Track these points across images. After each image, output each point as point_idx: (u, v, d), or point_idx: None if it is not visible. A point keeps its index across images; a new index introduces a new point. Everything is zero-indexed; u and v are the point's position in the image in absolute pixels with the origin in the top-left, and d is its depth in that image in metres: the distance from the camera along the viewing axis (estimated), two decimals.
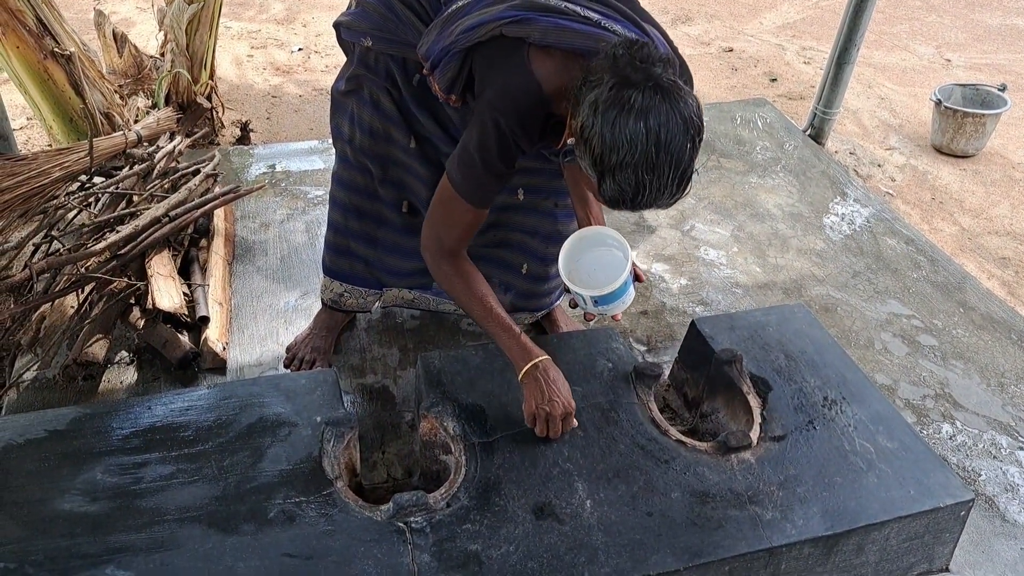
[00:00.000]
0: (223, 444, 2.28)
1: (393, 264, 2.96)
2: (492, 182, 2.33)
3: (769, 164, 4.75)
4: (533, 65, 2.16)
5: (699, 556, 2.13)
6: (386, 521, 2.12)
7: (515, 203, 2.83)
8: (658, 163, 1.94)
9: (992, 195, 5.02)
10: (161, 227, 3.28)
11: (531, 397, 2.35)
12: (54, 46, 4.01)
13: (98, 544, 2.01)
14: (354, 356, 3.17)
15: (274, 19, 6.90)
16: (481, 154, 2.24)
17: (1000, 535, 2.70)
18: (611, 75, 1.96)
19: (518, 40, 2.18)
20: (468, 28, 2.24)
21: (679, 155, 1.95)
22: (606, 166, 1.97)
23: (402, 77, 2.60)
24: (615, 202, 2.04)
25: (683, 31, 7.23)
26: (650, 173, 1.95)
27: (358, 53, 2.64)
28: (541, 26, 2.15)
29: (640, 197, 1.99)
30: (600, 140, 1.95)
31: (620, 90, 1.93)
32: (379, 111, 2.66)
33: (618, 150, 1.93)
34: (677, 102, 1.94)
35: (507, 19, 2.18)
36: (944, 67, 6.89)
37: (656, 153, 1.92)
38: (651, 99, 1.92)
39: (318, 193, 4.10)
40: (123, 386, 2.97)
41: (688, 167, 1.99)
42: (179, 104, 4.66)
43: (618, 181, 1.97)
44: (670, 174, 1.96)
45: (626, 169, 1.94)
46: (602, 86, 1.96)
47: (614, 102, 1.93)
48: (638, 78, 1.94)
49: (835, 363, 2.75)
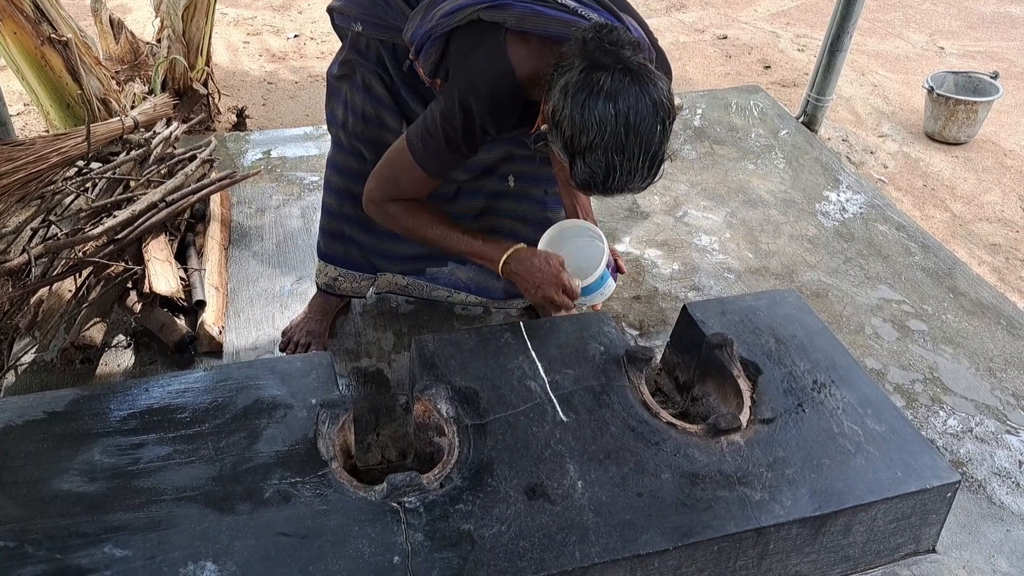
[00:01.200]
0: (219, 425, 2.31)
1: (387, 248, 2.99)
2: (451, 158, 2.37)
3: (762, 151, 4.77)
4: (509, 50, 2.19)
5: (688, 536, 2.15)
6: (380, 501, 2.14)
7: (506, 190, 2.85)
8: (627, 145, 1.97)
9: (983, 182, 5.04)
10: (158, 212, 3.30)
11: (524, 289, 2.48)
12: (51, 32, 4.03)
13: (96, 523, 2.03)
14: (349, 340, 3.19)
15: (270, 6, 6.91)
16: (445, 130, 2.28)
17: (987, 517, 2.73)
18: (581, 59, 1.99)
19: (495, 25, 2.20)
20: (448, 12, 2.27)
21: (648, 137, 1.98)
22: (576, 148, 2.00)
23: (392, 62, 2.63)
24: (587, 185, 2.07)
25: (677, 18, 7.24)
26: (620, 155, 1.98)
27: (350, 38, 2.67)
28: (517, 11, 2.18)
29: (611, 180, 2.03)
30: (570, 122, 1.98)
31: (590, 73, 1.97)
32: (371, 96, 2.68)
33: (588, 132, 1.97)
34: (646, 84, 1.97)
35: (484, 4, 2.20)
36: (937, 55, 6.91)
37: (625, 135, 1.96)
38: (620, 81, 1.96)
39: (314, 179, 4.12)
40: (120, 369, 2.99)
41: (659, 150, 2.02)
42: (175, 90, 4.68)
43: (588, 163, 2.01)
44: (640, 156, 1.99)
45: (596, 151, 1.98)
46: (572, 70, 1.99)
47: (583, 84, 1.96)
48: (607, 61, 1.97)
49: (825, 347, 2.78)
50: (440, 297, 3.18)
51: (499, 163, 2.78)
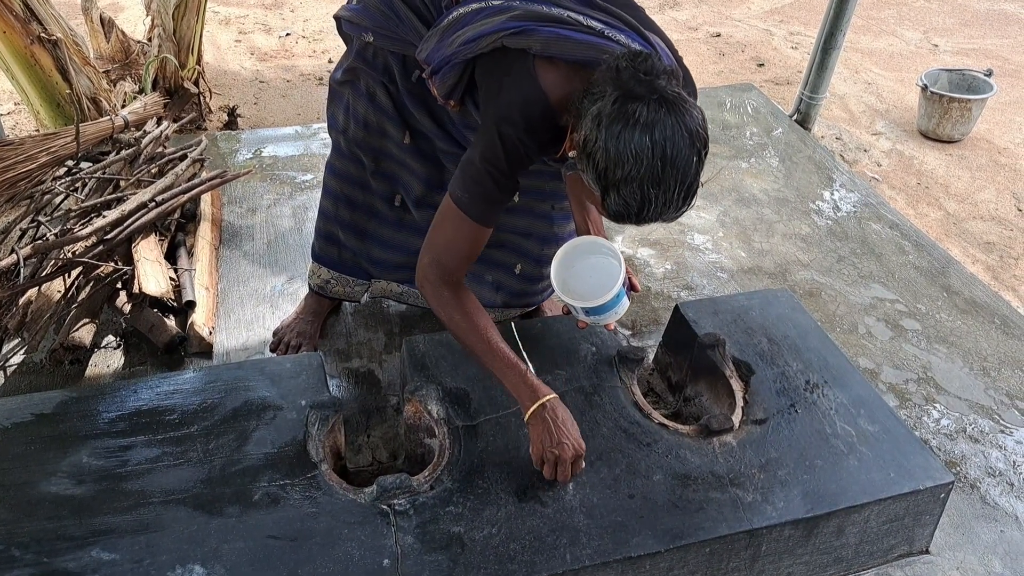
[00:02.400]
0: (208, 427, 2.30)
1: (381, 257, 2.97)
2: (500, 196, 2.27)
3: (755, 149, 4.76)
4: (539, 75, 2.13)
5: (680, 538, 2.15)
6: (370, 503, 2.14)
7: (511, 204, 2.82)
8: (664, 177, 1.90)
9: (978, 180, 5.04)
10: (148, 212, 3.29)
11: (538, 439, 2.22)
12: (40, 31, 4.01)
13: (83, 526, 2.02)
14: (340, 340, 3.18)
15: (262, 4, 6.89)
16: (489, 167, 2.19)
17: (980, 518, 2.73)
18: (614, 87, 1.93)
19: (521, 51, 2.15)
20: (469, 40, 2.22)
21: (685, 169, 1.91)
22: (611, 181, 1.93)
23: (400, 73, 2.59)
24: (620, 216, 1.99)
25: (671, 16, 7.24)
26: (656, 188, 1.91)
27: (357, 46, 2.63)
28: (543, 37, 2.12)
29: (645, 211, 1.95)
30: (604, 154, 1.91)
31: (624, 103, 1.90)
32: (374, 104, 2.66)
33: (623, 165, 1.89)
34: (683, 115, 1.91)
35: (508, 30, 2.15)
36: (931, 52, 6.90)
37: (662, 168, 1.89)
38: (656, 112, 1.88)
39: (305, 178, 4.11)
40: (110, 370, 2.98)
41: (694, 181, 1.95)
42: (166, 89, 4.66)
43: (623, 195, 1.93)
44: (676, 188, 1.92)
45: (631, 184, 1.91)
46: (605, 99, 1.92)
47: (618, 116, 1.89)
48: (642, 91, 1.91)
49: (817, 347, 2.77)
50: None
51: None
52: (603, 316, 2.42)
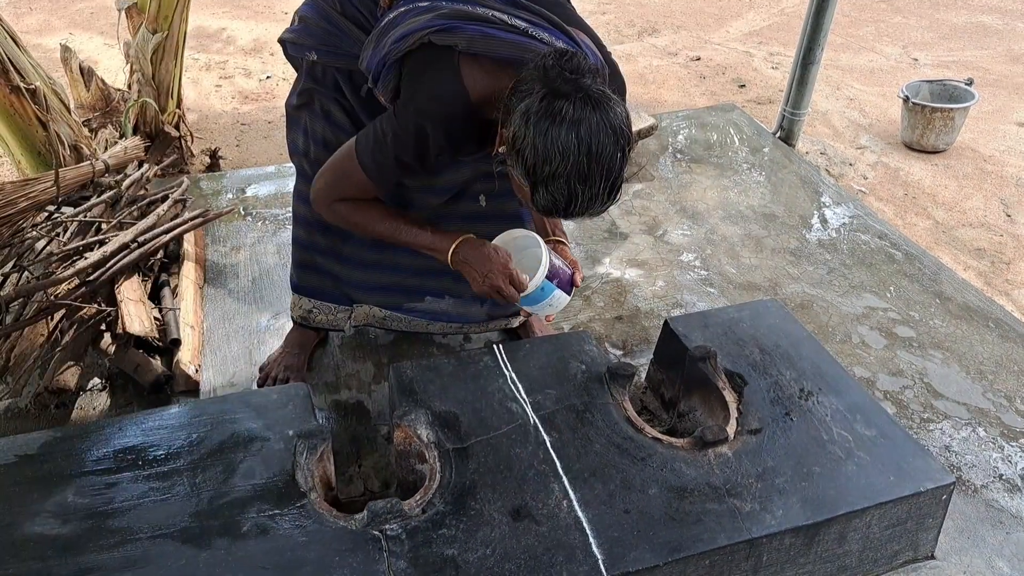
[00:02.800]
0: (195, 461, 2.26)
1: (361, 279, 2.95)
2: (398, 172, 2.38)
3: (740, 167, 4.75)
4: (462, 72, 2.18)
5: (678, 551, 2.11)
6: (361, 530, 2.10)
7: (479, 211, 2.81)
8: (590, 173, 1.97)
9: (964, 188, 5.03)
10: (130, 252, 3.27)
11: (471, 281, 2.42)
12: (19, 80, 4.00)
13: (70, 565, 1.98)
14: (328, 373, 3.15)
15: (241, 50, 6.90)
16: (396, 149, 2.28)
17: (985, 521, 2.69)
18: (541, 85, 1.99)
19: (447, 48, 2.19)
20: (398, 38, 2.25)
21: (610, 165, 1.98)
22: (539, 177, 2.00)
23: (349, 88, 2.62)
24: (548, 211, 2.07)
25: (650, 43, 7.24)
26: (582, 183, 1.98)
27: (305, 67, 2.66)
28: (468, 34, 2.17)
29: (572, 206, 2.03)
30: (532, 151, 1.97)
31: (551, 101, 1.96)
32: (330, 122, 2.66)
33: (550, 161, 1.96)
34: (607, 112, 1.97)
35: (434, 28, 2.19)
36: (911, 66, 6.92)
37: (588, 164, 1.96)
38: (582, 110, 1.95)
39: (288, 215, 4.07)
40: (96, 412, 2.94)
41: (619, 176, 2.02)
42: (147, 133, 4.64)
43: (551, 191, 2.00)
44: (601, 183, 2.00)
45: (558, 180, 1.98)
46: (532, 96, 1.98)
47: (545, 113, 1.95)
48: (568, 89, 1.97)
49: (810, 355, 2.75)
50: (419, 328, 3.13)
51: (469, 183, 2.75)
52: (536, 307, 2.49)
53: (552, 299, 2.44)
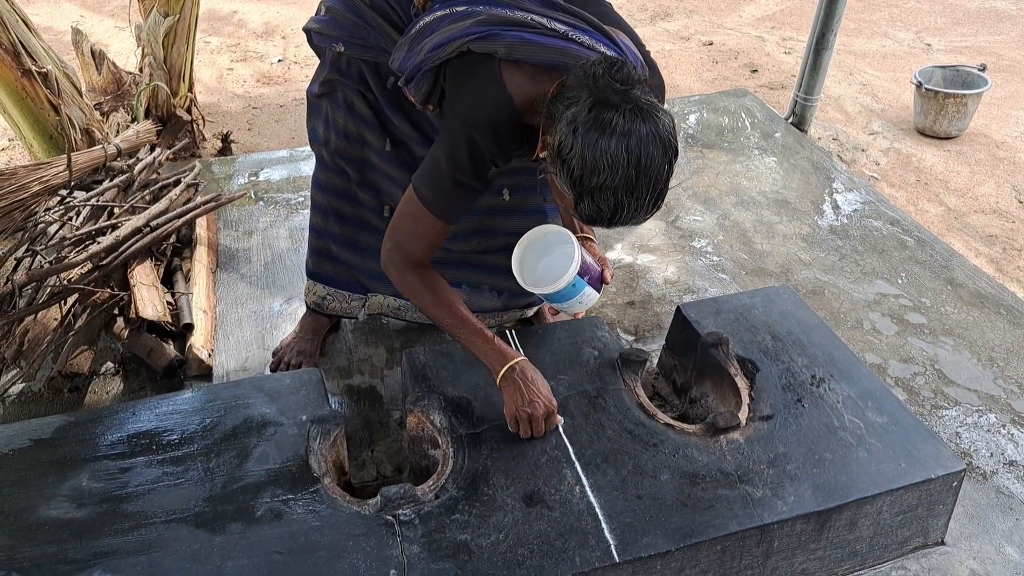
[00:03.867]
0: (209, 446, 2.28)
1: (376, 269, 2.93)
2: (464, 197, 2.31)
3: (753, 152, 4.74)
4: (504, 79, 2.15)
5: (690, 536, 2.12)
6: (374, 515, 2.11)
7: (502, 205, 2.81)
8: (638, 185, 1.94)
9: (977, 174, 5.01)
10: (142, 237, 3.27)
11: (511, 400, 2.32)
12: (31, 64, 4.00)
13: (85, 549, 2.00)
14: (340, 358, 3.15)
15: (253, 33, 6.89)
16: (452, 171, 2.23)
17: (995, 507, 2.69)
18: (589, 94, 1.95)
19: (486, 55, 2.17)
20: (436, 46, 2.23)
21: (657, 176, 1.96)
22: (585, 188, 1.96)
23: (375, 81, 2.60)
24: (592, 220, 2.04)
25: (662, 27, 7.22)
26: (629, 195, 1.95)
27: (330, 58, 2.64)
28: (507, 41, 2.14)
29: (617, 217, 2.00)
30: (580, 162, 1.94)
31: (600, 111, 1.92)
32: (353, 114, 2.66)
33: (599, 173, 1.92)
34: (656, 124, 1.94)
35: (473, 35, 2.17)
36: (924, 51, 6.89)
37: (636, 176, 1.92)
38: (632, 122, 1.92)
39: (300, 200, 4.09)
40: (109, 397, 2.96)
41: (664, 187, 2.00)
42: (159, 117, 4.65)
43: (597, 202, 1.97)
44: (648, 195, 1.97)
45: (606, 191, 1.94)
46: (580, 104, 1.95)
47: (594, 124, 1.92)
48: (617, 100, 1.93)
49: (822, 342, 2.75)
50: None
51: (493, 178, 2.74)
52: (565, 304, 2.45)
53: (582, 296, 2.42)
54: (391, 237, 2.38)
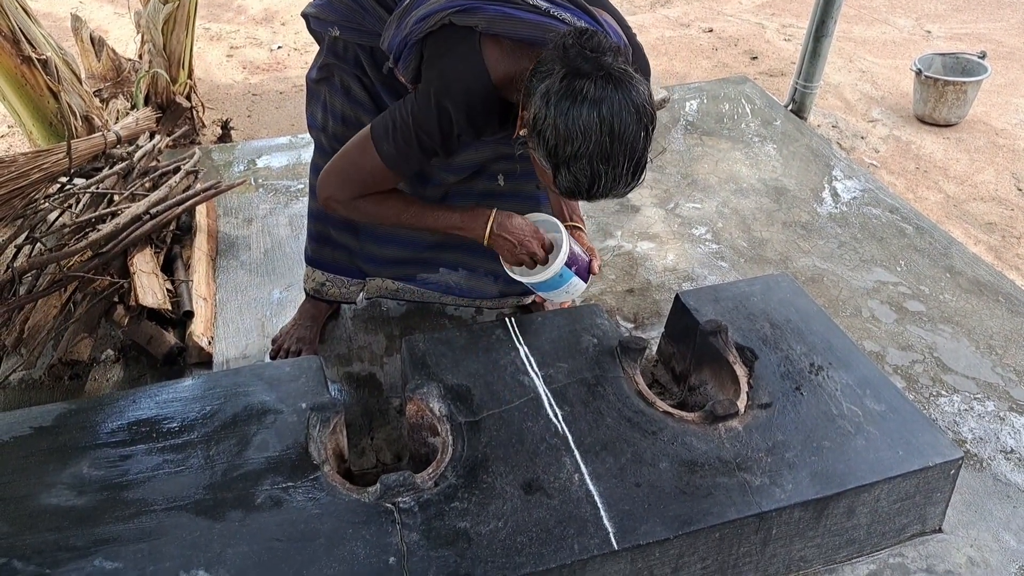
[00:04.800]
0: (208, 434, 2.28)
1: (374, 252, 2.96)
2: (420, 158, 2.34)
3: (752, 140, 4.74)
4: (484, 53, 2.16)
5: (689, 524, 2.13)
6: (374, 502, 2.12)
7: (497, 190, 2.81)
8: (612, 153, 1.94)
9: (976, 162, 5.01)
10: (142, 224, 3.28)
11: (506, 250, 2.44)
12: (30, 51, 4.00)
13: (85, 536, 2.00)
14: (340, 345, 3.16)
15: (252, 19, 6.89)
16: (419, 133, 2.25)
17: (992, 495, 2.70)
18: (562, 65, 1.96)
19: (468, 29, 2.17)
20: (420, 18, 2.23)
21: (633, 144, 1.96)
22: (561, 158, 1.97)
23: (371, 65, 2.60)
24: (571, 192, 2.04)
25: (662, 14, 7.22)
26: (605, 163, 1.96)
27: (327, 42, 2.64)
28: (488, 15, 2.14)
29: (596, 187, 2.00)
30: (554, 131, 1.95)
31: (572, 80, 1.93)
32: (350, 98, 2.66)
33: (572, 141, 1.93)
34: (629, 91, 1.94)
35: (454, 8, 2.17)
36: (924, 38, 6.88)
37: (610, 143, 1.93)
38: (603, 89, 1.92)
39: (300, 187, 4.10)
40: (109, 384, 2.96)
41: (642, 156, 2.00)
42: (158, 104, 4.65)
43: (573, 172, 1.98)
44: (625, 163, 1.97)
45: (581, 160, 1.95)
46: (553, 76, 1.96)
47: (566, 93, 1.93)
48: (588, 68, 1.94)
49: (821, 330, 2.75)
50: (431, 299, 3.14)
51: (488, 163, 2.74)
52: (552, 293, 2.49)
53: (569, 286, 2.44)
54: (333, 176, 2.41)
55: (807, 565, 2.41)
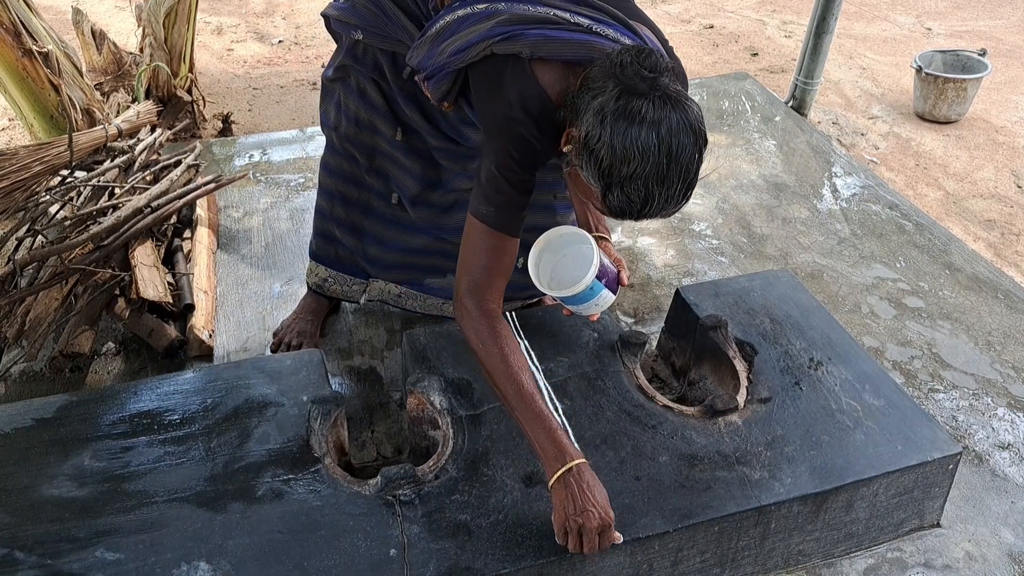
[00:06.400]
0: (210, 426, 2.29)
1: (378, 255, 2.95)
2: (520, 199, 2.21)
3: (752, 136, 4.75)
4: (536, 74, 2.10)
5: (688, 518, 2.13)
6: (375, 495, 2.13)
7: None
8: (669, 174, 1.88)
9: (976, 159, 5.02)
10: (143, 217, 3.28)
11: (561, 507, 2.02)
12: (31, 44, 4.00)
13: (87, 528, 2.01)
14: (341, 339, 3.17)
15: (253, 12, 6.89)
16: (505, 172, 2.15)
17: (990, 490, 2.71)
18: (616, 83, 1.90)
19: (513, 56, 2.11)
20: (458, 50, 2.19)
21: (688, 165, 1.90)
22: (615, 178, 1.90)
23: (391, 70, 2.57)
24: (621, 212, 1.97)
25: (663, 10, 7.23)
26: (660, 185, 1.89)
27: (347, 44, 2.62)
28: (531, 40, 2.08)
29: (647, 208, 1.93)
30: (610, 151, 1.88)
31: (628, 99, 1.87)
32: (365, 101, 2.64)
33: (629, 162, 1.86)
34: (686, 112, 1.89)
35: (497, 37, 2.11)
36: (925, 36, 6.89)
37: (668, 165, 1.86)
38: (661, 110, 1.86)
39: (301, 181, 4.10)
40: (110, 377, 2.97)
41: (695, 177, 1.94)
42: (159, 98, 4.66)
43: (627, 192, 1.91)
44: (679, 185, 1.91)
45: (636, 181, 1.88)
46: (607, 94, 1.90)
47: (623, 112, 1.87)
48: (645, 87, 1.88)
49: (820, 325, 2.76)
50: (433, 310, 3.11)
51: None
52: (582, 307, 2.40)
53: (599, 299, 2.36)
54: (462, 274, 2.25)
55: (806, 559, 2.41)
